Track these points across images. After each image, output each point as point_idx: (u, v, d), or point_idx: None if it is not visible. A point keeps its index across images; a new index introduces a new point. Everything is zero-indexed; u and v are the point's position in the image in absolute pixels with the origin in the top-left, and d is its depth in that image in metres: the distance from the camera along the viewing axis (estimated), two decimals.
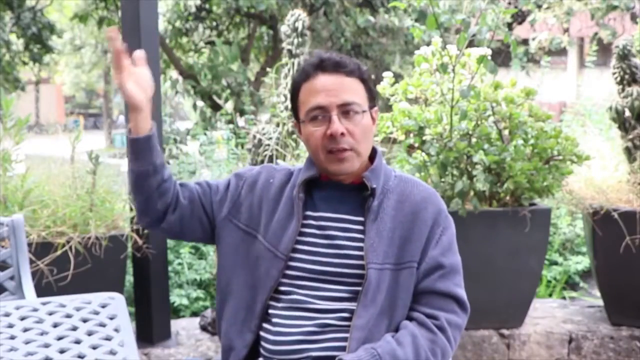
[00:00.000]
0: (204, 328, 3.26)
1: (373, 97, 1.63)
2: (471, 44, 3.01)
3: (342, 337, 1.51)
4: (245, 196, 1.66)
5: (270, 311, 1.57)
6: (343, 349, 1.50)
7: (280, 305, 1.56)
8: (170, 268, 3.76)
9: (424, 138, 3.00)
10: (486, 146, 2.97)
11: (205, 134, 5.78)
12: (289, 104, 1.78)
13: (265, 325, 1.57)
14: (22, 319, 1.54)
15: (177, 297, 3.73)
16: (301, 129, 1.60)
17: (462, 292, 1.57)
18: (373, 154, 1.64)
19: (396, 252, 1.53)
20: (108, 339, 1.45)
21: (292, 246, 1.56)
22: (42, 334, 1.46)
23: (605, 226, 3.11)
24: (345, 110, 1.54)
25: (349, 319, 1.52)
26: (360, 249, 1.54)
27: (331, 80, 1.55)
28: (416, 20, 8.69)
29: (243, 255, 1.63)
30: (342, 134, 1.52)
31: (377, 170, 1.60)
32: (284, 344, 1.52)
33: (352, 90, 1.56)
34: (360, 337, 1.49)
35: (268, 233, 1.60)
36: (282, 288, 1.57)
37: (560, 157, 3.02)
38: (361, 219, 1.57)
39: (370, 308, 1.51)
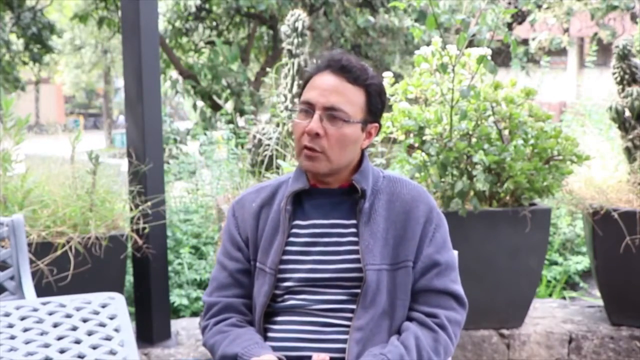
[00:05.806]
0: None
1: (375, 112, 1.58)
2: (471, 44, 3.01)
3: (343, 338, 1.51)
4: (241, 234, 1.64)
5: (273, 318, 1.58)
6: (344, 350, 1.50)
7: (280, 312, 1.57)
8: (170, 268, 3.76)
9: (424, 138, 3.00)
10: (486, 146, 2.97)
11: (205, 134, 5.77)
12: (289, 104, 1.79)
13: (269, 333, 1.58)
14: (22, 319, 1.54)
15: (177, 297, 3.72)
16: None
17: (459, 288, 1.58)
18: (360, 156, 1.62)
19: (391, 252, 1.53)
20: (108, 339, 1.45)
21: (279, 259, 1.56)
22: (42, 334, 1.46)
23: (605, 226, 3.11)
24: (331, 114, 1.52)
25: (350, 319, 1.52)
26: (356, 252, 1.54)
27: (332, 81, 1.53)
28: (416, 20, 8.69)
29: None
30: (317, 134, 1.51)
31: (365, 172, 1.59)
32: (286, 341, 1.53)
33: (346, 97, 1.53)
34: (361, 338, 1.49)
35: (258, 252, 1.60)
36: (279, 299, 1.58)
37: (560, 157, 3.02)
38: (354, 222, 1.57)
39: (370, 309, 1.51)
